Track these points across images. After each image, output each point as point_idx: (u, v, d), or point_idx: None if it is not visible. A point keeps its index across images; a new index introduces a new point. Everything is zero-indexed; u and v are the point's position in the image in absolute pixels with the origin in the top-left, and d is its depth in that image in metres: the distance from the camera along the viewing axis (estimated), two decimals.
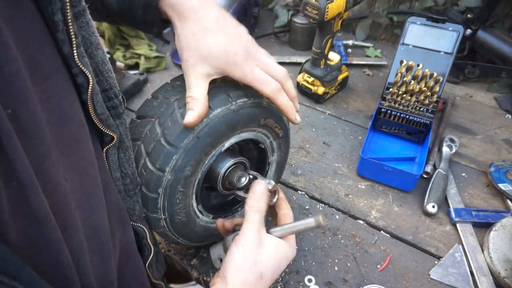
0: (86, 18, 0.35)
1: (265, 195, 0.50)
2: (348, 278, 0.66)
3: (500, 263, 0.65)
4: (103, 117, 0.38)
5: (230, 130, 0.51)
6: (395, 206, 0.78)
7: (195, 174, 0.51)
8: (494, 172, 0.82)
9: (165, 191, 0.49)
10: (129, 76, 1.09)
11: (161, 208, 0.50)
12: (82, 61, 0.33)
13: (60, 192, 0.32)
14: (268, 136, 0.61)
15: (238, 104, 0.50)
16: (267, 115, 0.56)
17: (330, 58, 1.01)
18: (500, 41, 1.04)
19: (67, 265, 0.32)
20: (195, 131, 0.47)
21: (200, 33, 0.46)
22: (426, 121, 0.85)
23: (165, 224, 0.53)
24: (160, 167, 0.47)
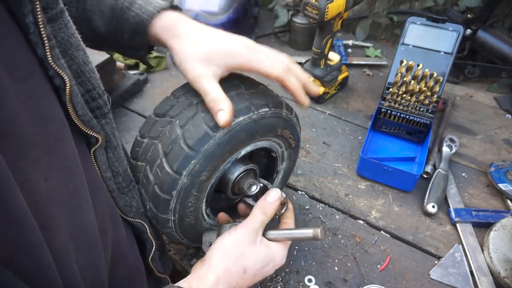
0: (65, 20, 0.35)
1: (277, 203, 0.52)
2: (348, 278, 0.66)
3: (500, 263, 0.65)
4: (85, 119, 0.38)
5: (249, 138, 0.52)
6: (395, 206, 0.78)
7: (210, 179, 0.52)
8: (494, 172, 0.82)
9: (179, 194, 0.49)
10: (129, 76, 1.09)
11: (172, 209, 0.50)
12: (57, 63, 0.33)
13: (39, 192, 0.31)
14: (281, 146, 0.61)
15: (259, 114, 0.50)
16: (284, 126, 0.56)
17: (330, 58, 1.01)
18: (500, 41, 1.04)
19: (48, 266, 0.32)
20: (216, 137, 0.47)
21: (195, 42, 0.47)
22: (426, 121, 0.85)
23: (173, 225, 0.53)
24: (178, 170, 0.47)
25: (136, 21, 0.50)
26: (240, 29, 1.24)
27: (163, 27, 0.49)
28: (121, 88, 1.05)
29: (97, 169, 0.42)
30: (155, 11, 0.49)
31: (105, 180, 0.44)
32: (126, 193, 0.48)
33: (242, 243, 0.48)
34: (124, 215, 0.48)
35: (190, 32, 0.48)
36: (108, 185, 0.44)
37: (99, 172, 0.43)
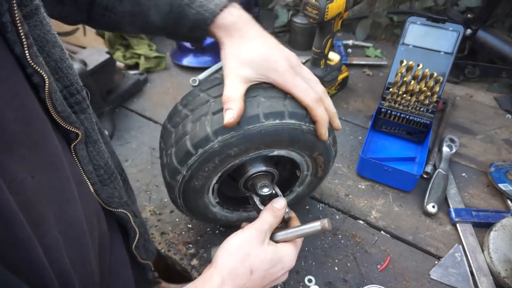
0: (40, 16, 0.35)
1: (284, 210, 0.52)
2: (348, 278, 0.66)
3: (500, 263, 0.65)
4: (64, 115, 0.38)
5: (289, 143, 0.53)
6: (395, 206, 0.78)
7: (236, 158, 0.52)
8: (494, 172, 0.82)
9: (203, 154, 0.50)
10: (129, 76, 1.09)
11: (189, 165, 0.51)
12: (35, 61, 0.33)
13: (27, 189, 0.32)
14: (309, 169, 0.62)
15: (309, 127, 0.52)
16: (323, 152, 0.57)
17: (330, 58, 1.01)
18: (500, 41, 1.04)
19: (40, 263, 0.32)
20: (263, 125, 0.49)
21: (243, 44, 0.50)
22: (426, 121, 0.85)
23: (181, 180, 0.53)
24: (216, 132, 0.49)
25: (197, 18, 0.52)
26: None
27: (223, 26, 0.52)
28: (121, 88, 1.05)
29: (78, 164, 0.43)
30: (217, 9, 0.51)
31: (86, 173, 0.44)
32: (108, 185, 0.48)
33: (249, 243, 0.48)
34: (108, 206, 0.48)
35: (245, 34, 0.51)
36: (90, 178, 0.44)
37: (80, 166, 0.43)
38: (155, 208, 0.78)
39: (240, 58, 0.50)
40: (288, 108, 0.50)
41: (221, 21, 0.51)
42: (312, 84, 0.52)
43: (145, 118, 1.01)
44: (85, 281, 0.41)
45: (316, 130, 0.53)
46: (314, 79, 0.53)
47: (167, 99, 1.08)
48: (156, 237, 0.72)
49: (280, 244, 0.51)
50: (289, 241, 0.52)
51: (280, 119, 0.49)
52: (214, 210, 0.63)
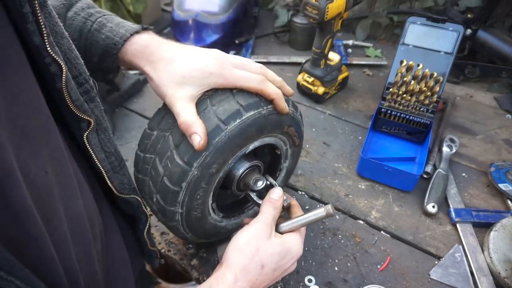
0: (48, 9, 0.35)
1: (282, 199, 0.54)
2: (348, 278, 0.66)
3: (500, 263, 0.65)
4: (78, 103, 0.38)
5: (258, 133, 0.52)
6: (395, 206, 0.78)
7: (219, 172, 0.52)
8: (494, 172, 0.82)
9: (188, 185, 0.49)
10: (129, 76, 1.09)
11: (181, 202, 0.51)
12: (53, 50, 0.34)
13: (40, 185, 0.32)
14: (286, 143, 0.62)
15: (268, 109, 0.52)
16: (291, 123, 0.57)
17: (330, 58, 1.01)
18: (500, 41, 1.04)
19: (50, 259, 0.32)
20: (227, 130, 0.48)
21: (169, 66, 0.48)
22: (426, 121, 0.85)
23: (180, 218, 0.53)
24: (189, 161, 0.48)
25: (106, 43, 0.49)
26: (240, 29, 1.24)
27: (136, 52, 0.49)
28: (121, 88, 1.05)
29: (91, 153, 0.43)
30: (127, 33, 0.49)
31: (100, 161, 0.44)
32: (119, 172, 0.48)
33: (258, 238, 0.48)
34: (120, 193, 0.49)
35: (163, 55, 0.48)
36: (103, 165, 0.45)
37: (93, 155, 0.43)
38: None
39: (173, 81, 0.47)
40: (242, 103, 0.49)
41: (133, 47, 0.49)
42: (248, 68, 0.51)
43: (145, 118, 1.01)
44: (89, 280, 0.41)
45: (276, 107, 0.52)
46: (247, 61, 0.52)
47: None
48: (156, 237, 0.72)
49: (286, 235, 0.52)
50: (294, 231, 0.52)
51: (240, 117, 0.49)
52: (223, 225, 0.63)
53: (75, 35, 0.50)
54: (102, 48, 0.50)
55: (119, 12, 1.15)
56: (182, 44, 0.51)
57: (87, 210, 0.42)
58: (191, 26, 1.15)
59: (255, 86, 0.50)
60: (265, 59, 1.20)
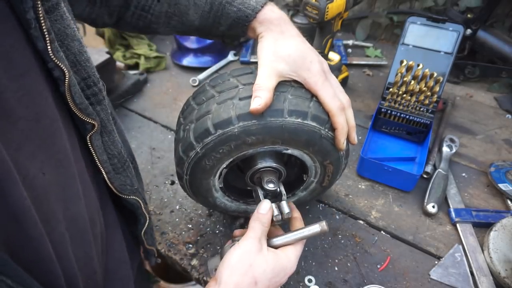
0: (60, 11, 0.36)
1: (270, 213, 0.52)
2: (348, 278, 0.66)
3: (500, 263, 0.65)
4: (82, 107, 0.39)
5: (305, 145, 0.53)
6: (395, 206, 0.78)
7: (250, 147, 0.53)
8: (494, 172, 0.82)
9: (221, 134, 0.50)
10: (129, 76, 1.09)
11: (204, 144, 0.52)
12: (57, 56, 0.34)
13: (38, 186, 0.32)
14: (316, 176, 0.62)
15: (327, 133, 0.53)
16: (334, 161, 0.58)
17: (330, 58, 1.01)
18: (500, 41, 1.04)
19: (48, 259, 0.32)
20: (285, 120, 0.49)
21: (281, 39, 0.52)
22: (426, 121, 0.85)
23: (193, 156, 0.54)
24: (238, 117, 0.49)
25: (238, 15, 0.54)
26: None
27: (262, 21, 0.54)
28: (121, 88, 1.05)
29: (94, 154, 0.44)
30: (258, 6, 0.53)
31: (101, 162, 0.45)
32: (121, 173, 0.49)
33: (249, 253, 0.47)
34: (120, 194, 0.49)
35: (284, 30, 0.53)
36: (104, 167, 0.45)
37: (95, 156, 0.44)
38: (155, 208, 0.78)
39: (277, 52, 0.51)
40: (312, 111, 0.51)
41: (263, 17, 0.53)
42: (338, 92, 0.53)
43: (145, 118, 1.01)
44: (88, 279, 0.41)
45: (335, 138, 0.53)
46: (341, 89, 0.54)
47: (167, 99, 1.08)
48: (156, 237, 0.72)
49: (280, 249, 0.51)
50: (289, 245, 0.52)
51: (303, 118, 0.50)
52: (215, 194, 0.63)
53: (206, 7, 0.55)
54: (233, 19, 0.54)
55: None
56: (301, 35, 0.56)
57: (89, 210, 0.42)
58: None
59: (332, 107, 0.51)
60: None
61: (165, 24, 0.58)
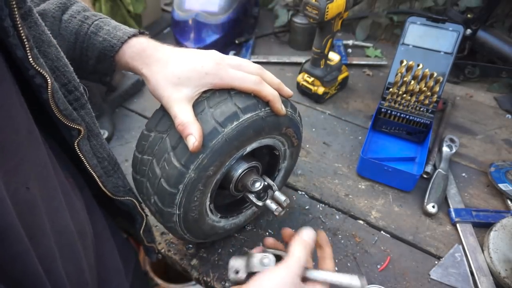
0: (34, 17, 0.35)
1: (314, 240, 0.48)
2: None
3: (500, 263, 0.65)
4: (67, 113, 0.38)
5: (256, 135, 0.52)
6: (395, 206, 0.78)
7: (216, 174, 0.52)
8: (494, 172, 0.82)
9: (185, 188, 0.49)
10: (129, 76, 1.09)
11: (178, 204, 0.51)
12: (37, 63, 0.33)
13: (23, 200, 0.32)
14: (284, 144, 0.62)
15: (266, 111, 0.52)
16: (289, 124, 0.57)
17: (330, 58, 1.01)
18: (500, 41, 1.04)
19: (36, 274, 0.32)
20: (224, 132, 0.48)
21: (165, 67, 0.48)
22: (426, 121, 0.85)
23: (178, 220, 0.53)
24: (185, 164, 0.47)
25: (104, 46, 0.50)
26: (240, 29, 1.24)
27: (134, 54, 0.50)
28: (121, 88, 1.05)
29: (83, 160, 0.43)
30: (125, 36, 0.49)
31: (92, 167, 0.44)
32: (113, 175, 0.48)
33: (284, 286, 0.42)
34: (114, 196, 0.49)
35: (160, 57, 0.49)
36: (95, 171, 0.45)
37: (85, 162, 0.43)
38: None
39: (169, 82, 0.47)
40: (239, 105, 0.49)
41: (131, 50, 0.50)
42: (245, 68, 0.51)
43: (145, 118, 1.01)
44: None
45: (272, 109, 0.52)
46: (244, 62, 0.51)
47: None
48: (156, 237, 0.72)
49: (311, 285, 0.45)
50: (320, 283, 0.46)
51: (237, 119, 0.49)
52: (220, 225, 0.63)
53: (71, 38, 0.50)
54: (99, 51, 0.50)
55: (119, 12, 1.15)
56: (178, 47, 0.51)
57: (75, 221, 0.42)
58: (191, 26, 1.15)
59: (251, 87, 0.49)
60: (265, 59, 1.20)
61: None
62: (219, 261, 0.68)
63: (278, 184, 0.69)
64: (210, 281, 0.65)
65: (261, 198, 0.57)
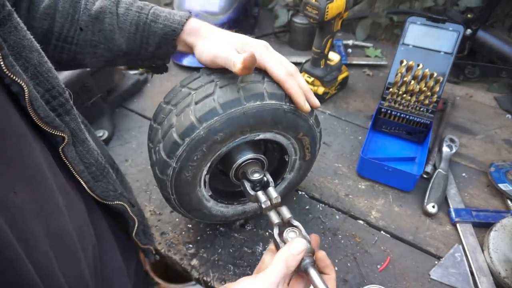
0: (14, 22, 0.34)
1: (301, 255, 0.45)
2: (348, 278, 0.66)
3: (500, 263, 0.65)
4: (48, 120, 0.37)
5: (272, 125, 0.55)
6: (395, 206, 0.78)
7: (223, 143, 0.53)
8: (494, 172, 0.82)
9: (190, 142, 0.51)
10: (129, 76, 1.09)
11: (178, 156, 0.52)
12: (12, 71, 0.33)
13: (11, 206, 0.31)
14: (296, 153, 0.63)
15: (289, 106, 0.54)
16: (307, 133, 0.59)
17: (330, 58, 1.01)
18: (500, 41, 1.04)
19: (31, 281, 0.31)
20: (245, 106, 0.51)
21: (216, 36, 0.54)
22: (426, 121, 0.85)
23: (171, 173, 0.54)
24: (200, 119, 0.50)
25: (165, 32, 0.54)
26: (240, 29, 1.24)
27: (190, 32, 0.55)
28: (121, 88, 1.05)
29: (69, 165, 0.43)
30: (183, 19, 0.55)
31: (78, 173, 0.44)
32: (101, 180, 0.48)
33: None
34: (104, 200, 0.49)
35: (213, 31, 0.55)
36: (82, 177, 0.45)
37: (71, 167, 0.43)
38: (155, 208, 0.78)
39: (220, 42, 0.53)
40: (267, 90, 0.52)
41: (189, 28, 0.55)
42: (284, 62, 0.55)
43: (145, 118, 1.01)
44: None
45: (295, 103, 0.54)
46: (286, 60, 0.56)
47: None
48: (156, 237, 0.72)
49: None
50: None
51: (261, 100, 0.51)
52: (208, 205, 0.63)
53: (132, 29, 0.54)
54: (160, 37, 0.54)
55: None
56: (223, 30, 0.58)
57: (74, 223, 0.41)
58: None
59: (280, 75, 0.53)
60: None
61: (91, 54, 0.56)
62: (219, 261, 0.68)
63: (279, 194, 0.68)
64: (210, 281, 0.65)
65: (254, 190, 0.58)
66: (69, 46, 0.54)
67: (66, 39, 0.53)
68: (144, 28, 0.54)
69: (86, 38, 0.54)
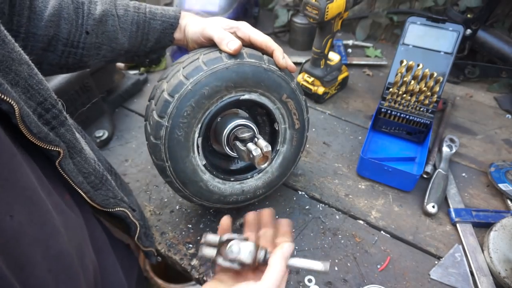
0: (1, 35, 0.33)
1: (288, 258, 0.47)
2: (348, 278, 0.66)
3: (500, 263, 0.65)
4: (41, 135, 0.37)
5: (255, 82, 0.59)
6: (395, 206, 0.78)
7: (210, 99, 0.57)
8: (494, 172, 0.82)
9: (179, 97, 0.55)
10: (129, 76, 1.09)
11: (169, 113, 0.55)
12: (0, 90, 0.32)
13: (7, 230, 0.30)
14: (285, 120, 0.66)
15: (270, 67, 0.59)
16: (290, 95, 0.63)
17: (330, 58, 1.01)
18: (500, 41, 1.04)
19: None
20: (227, 63, 0.56)
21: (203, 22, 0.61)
22: (426, 121, 0.85)
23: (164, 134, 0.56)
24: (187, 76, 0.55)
25: (164, 27, 0.61)
26: None
27: (184, 23, 0.62)
28: (121, 88, 1.05)
29: (67, 178, 0.42)
30: (177, 13, 0.62)
31: (77, 184, 0.43)
32: (101, 188, 0.48)
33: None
34: (105, 208, 0.48)
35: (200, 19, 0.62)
36: (81, 188, 0.44)
37: (70, 180, 0.42)
38: (155, 208, 0.78)
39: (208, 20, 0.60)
40: (246, 52, 0.58)
41: (184, 21, 0.62)
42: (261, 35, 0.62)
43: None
44: None
45: (274, 58, 0.60)
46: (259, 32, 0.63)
47: None
48: (156, 237, 0.72)
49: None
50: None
51: (241, 58, 0.57)
52: (204, 177, 0.63)
53: (133, 28, 0.59)
54: (159, 32, 0.61)
55: None
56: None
57: (73, 242, 0.40)
58: None
59: (264, 38, 0.60)
60: None
61: (95, 55, 0.58)
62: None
63: (275, 173, 0.70)
64: None
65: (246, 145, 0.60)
66: (76, 50, 0.56)
67: (73, 43, 0.55)
68: (144, 26, 0.59)
69: (91, 41, 0.56)
